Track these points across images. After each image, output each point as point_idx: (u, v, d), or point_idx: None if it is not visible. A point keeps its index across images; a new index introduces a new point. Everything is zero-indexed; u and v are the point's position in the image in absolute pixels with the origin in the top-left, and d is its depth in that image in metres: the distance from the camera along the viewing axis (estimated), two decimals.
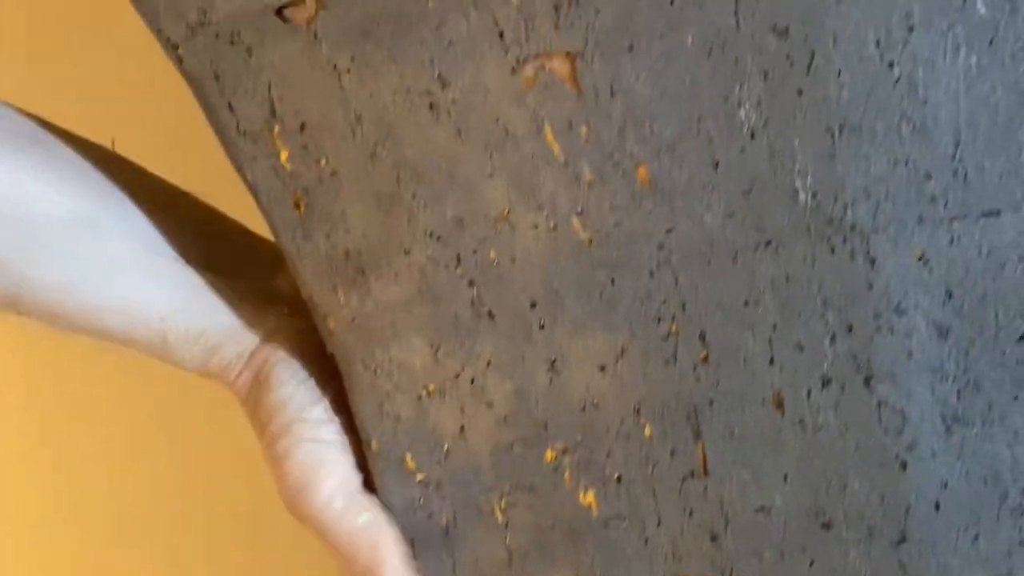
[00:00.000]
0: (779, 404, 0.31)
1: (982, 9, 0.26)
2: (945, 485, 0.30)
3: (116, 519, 0.95)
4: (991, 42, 0.26)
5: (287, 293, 0.38)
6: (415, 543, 0.38)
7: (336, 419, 0.37)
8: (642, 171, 0.30)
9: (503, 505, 0.36)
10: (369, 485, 0.38)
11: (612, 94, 0.29)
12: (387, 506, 0.38)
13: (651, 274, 0.31)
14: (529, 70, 0.30)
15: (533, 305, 0.33)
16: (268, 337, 0.37)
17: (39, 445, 0.97)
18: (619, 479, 0.34)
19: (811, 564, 0.32)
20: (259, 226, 0.38)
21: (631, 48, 0.29)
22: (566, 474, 0.35)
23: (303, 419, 0.36)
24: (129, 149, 0.38)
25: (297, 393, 0.36)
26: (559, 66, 0.29)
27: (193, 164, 0.41)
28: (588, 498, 0.35)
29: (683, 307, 0.32)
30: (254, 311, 0.37)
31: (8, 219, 0.33)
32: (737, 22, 0.27)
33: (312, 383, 0.36)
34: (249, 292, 0.37)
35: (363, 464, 0.38)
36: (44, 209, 0.34)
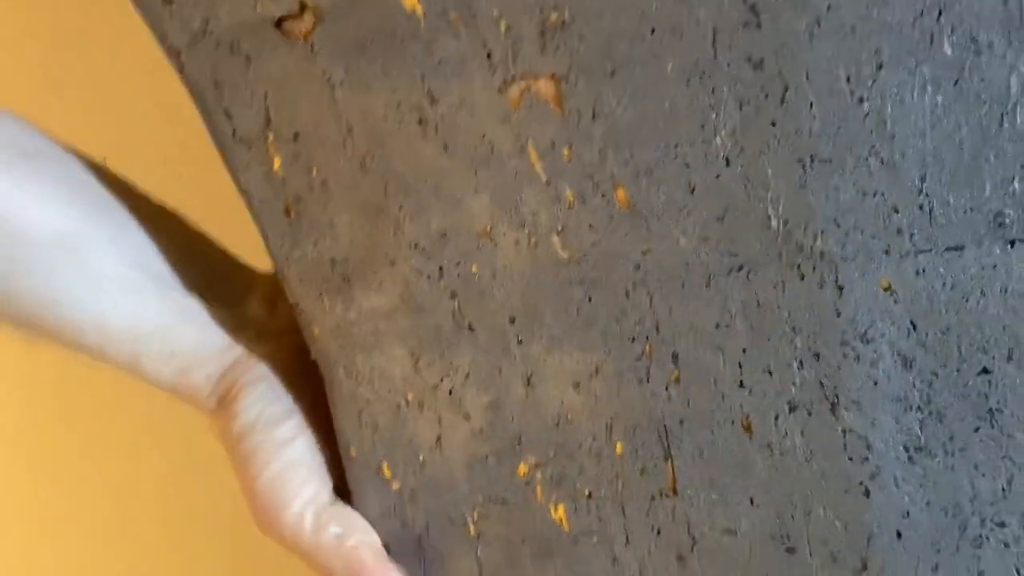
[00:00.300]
0: (747, 427, 0.32)
1: (948, 50, 0.27)
2: (907, 514, 0.31)
3: (111, 519, 0.95)
4: (956, 82, 0.27)
5: (256, 318, 0.39)
6: (389, 550, 0.38)
7: (305, 433, 0.37)
8: (621, 193, 0.31)
9: (475, 517, 0.37)
10: (344, 493, 0.39)
11: (594, 117, 0.30)
12: (363, 513, 0.38)
13: (627, 294, 0.32)
14: (515, 91, 0.31)
15: (512, 320, 0.34)
16: (237, 360, 0.38)
17: (36, 446, 0.97)
18: (590, 495, 0.35)
19: None
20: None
21: (613, 73, 0.29)
22: (538, 488, 0.35)
23: (270, 439, 0.37)
24: (120, 165, 0.39)
25: (264, 414, 0.37)
26: (544, 88, 0.30)
27: (181, 182, 0.42)
28: (559, 513, 0.35)
29: (657, 328, 0.32)
30: (225, 335, 0.38)
31: None
32: (715, 53, 0.28)
33: (282, 401, 0.37)
34: (221, 316, 0.38)
35: (338, 474, 0.38)
36: (28, 225, 0.35)
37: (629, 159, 0.30)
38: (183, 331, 0.37)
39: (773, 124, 0.29)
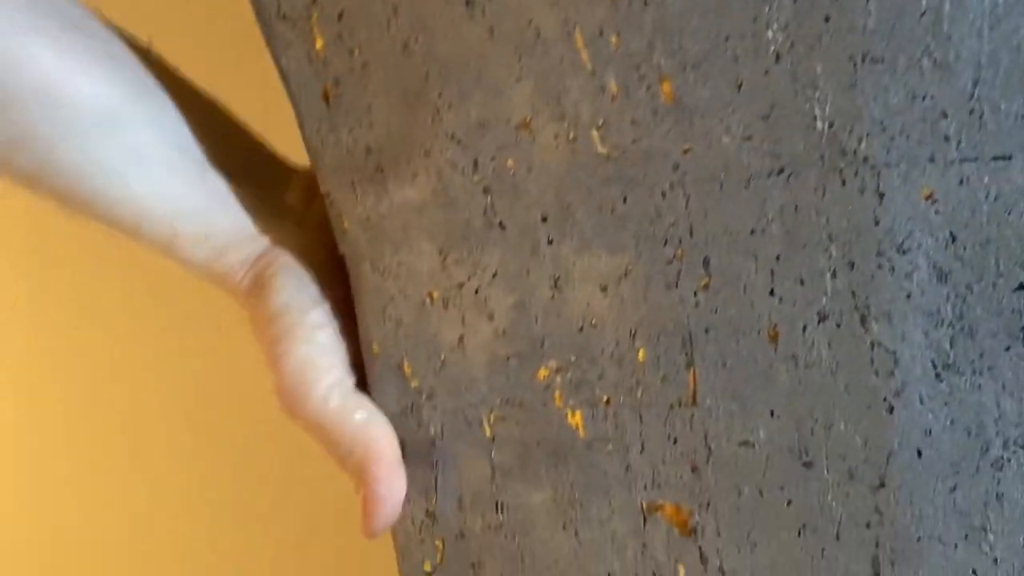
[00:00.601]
0: (774, 337, 0.32)
1: None
2: (929, 432, 0.30)
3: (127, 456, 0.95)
4: None
5: (295, 208, 0.39)
6: (404, 450, 0.38)
7: (334, 323, 0.37)
8: (666, 86, 0.31)
9: (492, 419, 0.36)
10: (364, 388, 0.39)
11: (645, 3, 0.30)
12: (382, 411, 0.38)
13: (663, 195, 0.32)
14: None
15: (544, 218, 0.34)
16: (273, 245, 0.38)
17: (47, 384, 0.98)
18: (608, 402, 0.34)
19: (788, 503, 0.33)
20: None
21: None
22: (557, 393, 0.35)
23: (301, 322, 0.37)
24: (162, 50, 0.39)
25: (297, 298, 0.37)
26: None
27: (220, 77, 0.42)
28: (576, 419, 0.35)
29: (690, 231, 0.32)
30: (262, 219, 0.38)
31: (38, 97, 0.34)
32: None
33: (312, 289, 0.37)
34: (259, 203, 0.38)
35: (359, 368, 0.38)
36: (71, 97, 0.35)
37: (677, 50, 0.30)
38: (220, 214, 0.37)
39: (827, 19, 0.28)
